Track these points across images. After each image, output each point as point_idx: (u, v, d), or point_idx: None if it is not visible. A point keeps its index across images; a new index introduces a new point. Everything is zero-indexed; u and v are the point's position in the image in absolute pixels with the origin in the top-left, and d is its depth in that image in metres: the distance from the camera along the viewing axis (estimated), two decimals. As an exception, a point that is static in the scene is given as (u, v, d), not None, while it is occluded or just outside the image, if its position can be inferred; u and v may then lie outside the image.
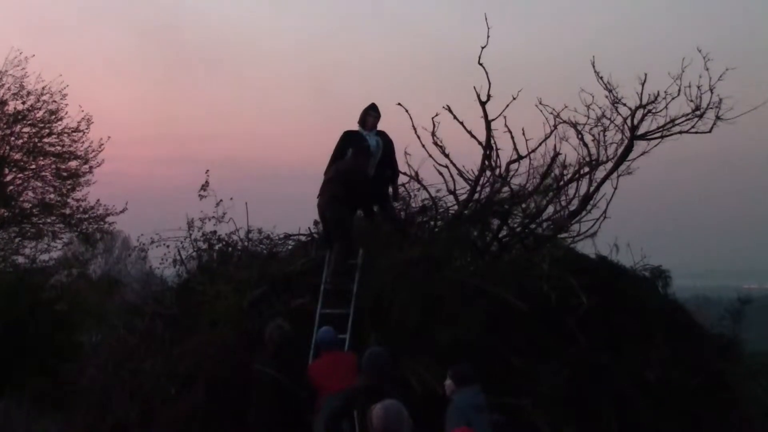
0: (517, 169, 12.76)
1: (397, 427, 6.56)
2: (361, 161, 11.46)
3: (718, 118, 12.32)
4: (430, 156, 12.74)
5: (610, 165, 12.57)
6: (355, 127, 11.93)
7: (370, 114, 11.92)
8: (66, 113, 26.05)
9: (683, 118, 12.42)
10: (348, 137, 11.80)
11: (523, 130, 12.64)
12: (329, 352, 9.65)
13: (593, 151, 12.64)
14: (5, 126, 25.57)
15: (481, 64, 12.50)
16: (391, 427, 6.56)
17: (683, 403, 10.75)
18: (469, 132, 12.63)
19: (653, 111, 12.47)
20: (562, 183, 12.74)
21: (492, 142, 12.68)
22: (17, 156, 25.96)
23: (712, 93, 12.23)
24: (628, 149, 12.53)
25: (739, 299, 13.25)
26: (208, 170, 12.83)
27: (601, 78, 12.54)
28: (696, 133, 12.49)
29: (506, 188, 12.65)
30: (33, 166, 26.16)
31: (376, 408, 6.78)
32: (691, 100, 12.32)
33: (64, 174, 26.19)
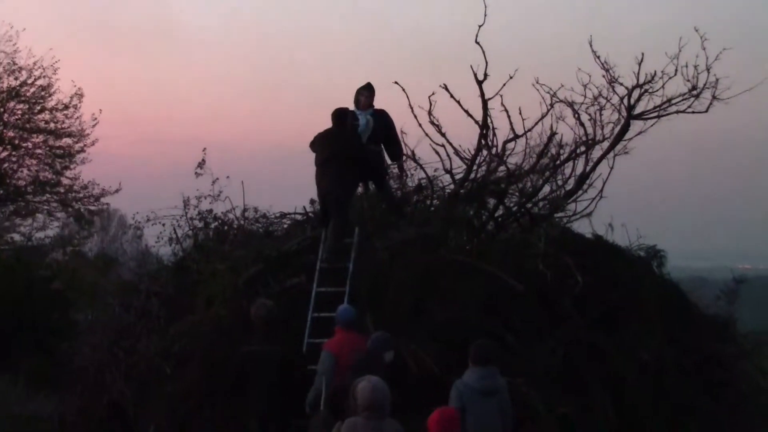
0: (513, 149, 12.74)
1: (382, 404, 6.91)
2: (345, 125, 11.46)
3: (714, 97, 12.28)
4: (427, 135, 12.71)
5: (606, 144, 12.54)
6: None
7: (363, 93, 11.99)
8: (58, 88, 25.95)
9: (680, 98, 12.37)
10: None
11: (519, 109, 12.60)
12: (349, 332, 9.50)
13: (590, 130, 12.60)
14: (-1, 103, 25.46)
15: (478, 43, 12.47)
16: (376, 404, 6.83)
17: (678, 382, 10.80)
18: (466, 111, 12.60)
19: (650, 91, 12.41)
20: (558, 162, 12.71)
21: (489, 121, 12.64)
22: (11, 133, 25.87)
23: (708, 73, 12.18)
24: (625, 129, 12.50)
25: (734, 279, 13.27)
26: (205, 148, 12.88)
27: (598, 57, 12.48)
28: (692, 112, 12.46)
29: (503, 167, 12.64)
30: (27, 144, 26.08)
31: (362, 383, 6.97)
32: (688, 80, 12.28)
33: (58, 152, 26.09)
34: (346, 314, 9.60)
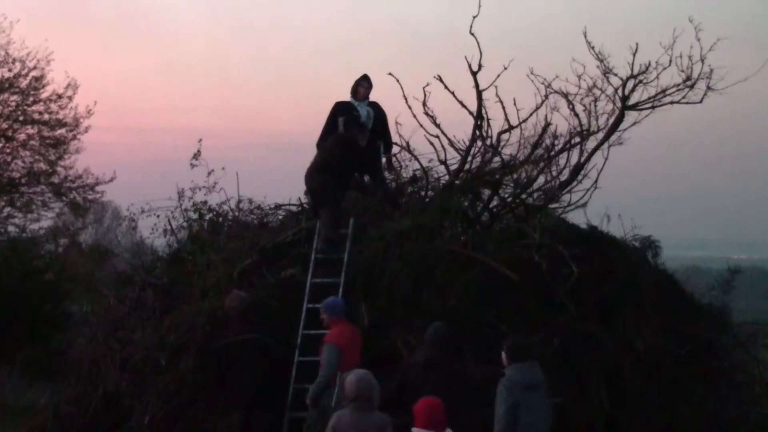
0: (508, 139, 12.75)
1: (369, 395, 7.00)
2: (354, 132, 11.47)
3: (708, 88, 12.30)
4: (421, 126, 12.73)
5: (601, 135, 12.55)
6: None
7: (362, 84, 11.96)
8: (52, 79, 25.89)
9: (674, 89, 12.39)
10: (339, 107, 11.85)
11: (514, 100, 12.62)
12: (343, 323, 9.51)
13: (584, 121, 12.62)
14: (-7, 95, 25.37)
15: (472, 34, 12.46)
16: (362, 395, 6.84)
17: (672, 371, 10.82)
18: (460, 102, 12.61)
19: (644, 81, 12.43)
20: (553, 153, 12.73)
21: (483, 112, 12.66)
22: (4, 125, 25.80)
23: (703, 63, 12.19)
24: (619, 119, 12.51)
25: (728, 269, 13.27)
26: (200, 139, 12.87)
27: (593, 48, 12.50)
28: (687, 103, 12.47)
29: (497, 158, 12.64)
30: (21, 135, 26.03)
31: (349, 376, 7.06)
32: (682, 71, 12.29)
33: (52, 142, 26.04)
34: (340, 304, 9.62)
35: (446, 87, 12.48)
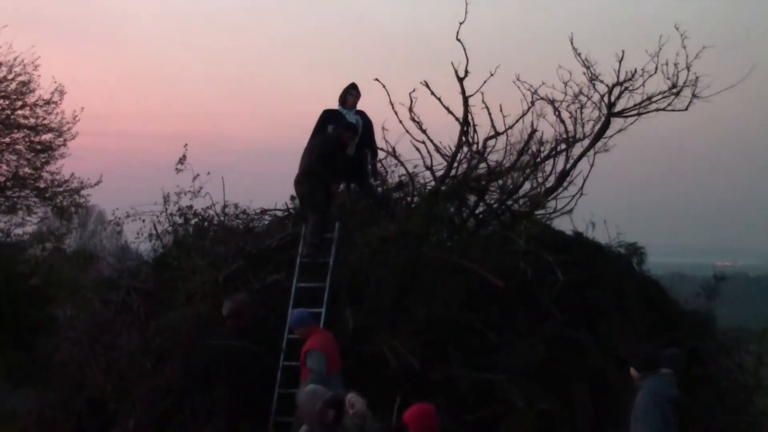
0: (494, 146, 12.78)
1: (322, 412, 6.80)
2: (345, 135, 11.50)
3: (694, 96, 12.33)
4: (407, 132, 12.75)
5: (587, 142, 12.58)
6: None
7: (351, 93, 12.03)
8: (38, 84, 25.82)
9: (660, 96, 12.43)
10: (328, 115, 11.90)
11: (500, 106, 12.64)
12: (318, 330, 9.59)
13: (570, 128, 12.65)
14: (-22, 100, 25.24)
15: (459, 40, 12.48)
16: (316, 412, 6.80)
17: (657, 378, 10.83)
18: (447, 108, 12.62)
19: (630, 88, 12.47)
20: (539, 160, 12.75)
21: (469, 118, 12.67)
22: (-9, 129, 25.68)
23: (688, 71, 12.24)
24: (605, 126, 12.54)
25: (713, 276, 13.31)
26: (186, 144, 12.83)
27: (579, 55, 12.53)
28: (672, 110, 12.52)
29: (483, 164, 12.67)
30: (6, 140, 25.91)
31: (301, 394, 7.01)
32: (668, 78, 12.34)
33: (38, 147, 25.96)
34: (307, 314, 9.75)
35: (432, 93, 12.51)
